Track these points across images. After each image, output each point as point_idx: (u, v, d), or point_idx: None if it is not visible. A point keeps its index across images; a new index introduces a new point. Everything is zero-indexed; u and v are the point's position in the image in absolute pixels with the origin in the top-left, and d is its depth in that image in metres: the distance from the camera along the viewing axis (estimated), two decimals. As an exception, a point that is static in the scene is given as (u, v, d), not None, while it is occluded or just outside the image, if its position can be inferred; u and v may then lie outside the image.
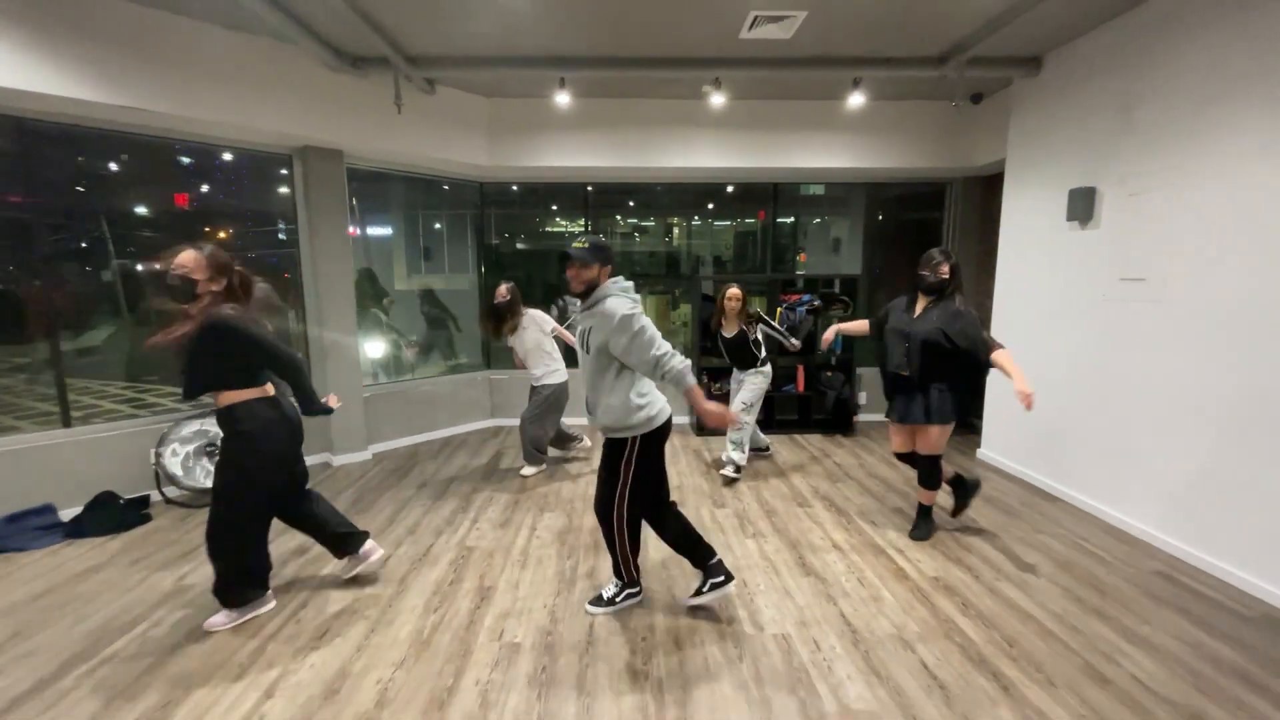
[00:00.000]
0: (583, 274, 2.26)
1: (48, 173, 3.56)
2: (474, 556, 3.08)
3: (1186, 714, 1.96)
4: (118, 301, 3.98)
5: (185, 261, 2.20)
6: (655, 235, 6.78)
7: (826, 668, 2.20)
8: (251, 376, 2.35)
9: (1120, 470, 3.40)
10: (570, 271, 2.27)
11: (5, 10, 2.90)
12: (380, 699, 2.04)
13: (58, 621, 2.50)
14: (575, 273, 2.27)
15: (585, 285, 2.28)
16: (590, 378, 2.33)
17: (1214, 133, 2.86)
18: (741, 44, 3.76)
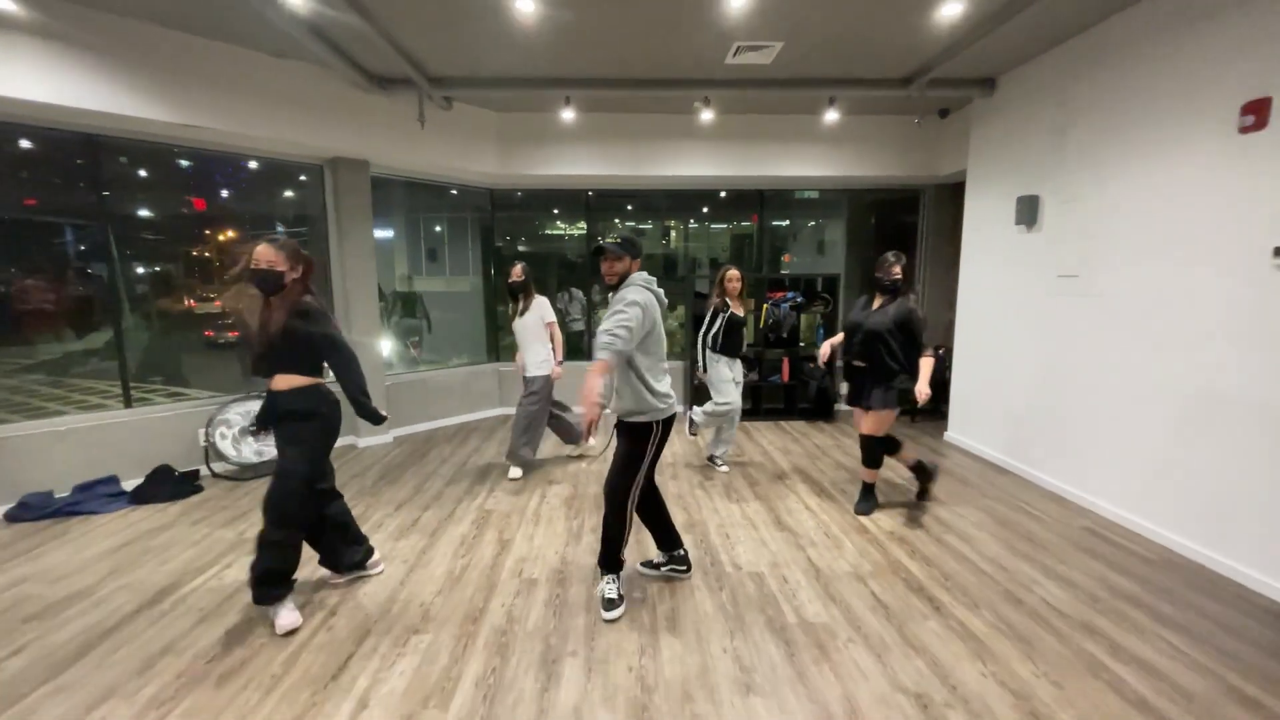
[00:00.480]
0: (615, 266, 2.40)
1: (116, 181, 4.01)
2: (493, 517, 3.53)
3: (1078, 624, 2.43)
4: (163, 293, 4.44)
5: (267, 255, 2.32)
6: (653, 238, 7.24)
7: (791, 595, 2.66)
8: (320, 364, 2.47)
9: (1061, 444, 3.87)
10: (604, 265, 2.41)
11: (86, 43, 3.36)
12: (425, 615, 2.49)
13: (144, 564, 2.95)
14: (609, 265, 2.40)
15: (617, 277, 2.41)
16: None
17: (1131, 149, 3.34)
18: (727, 68, 4.23)
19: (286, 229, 4.91)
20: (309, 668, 2.16)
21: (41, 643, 2.32)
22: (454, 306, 6.52)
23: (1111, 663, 2.18)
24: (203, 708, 1.96)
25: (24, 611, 2.54)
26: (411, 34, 3.73)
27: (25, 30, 3.16)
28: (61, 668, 2.16)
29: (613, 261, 2.41)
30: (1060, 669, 2.15)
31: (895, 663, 2.18)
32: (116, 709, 1.95)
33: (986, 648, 2.27)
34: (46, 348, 4.01)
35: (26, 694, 2.03)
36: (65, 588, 2.74)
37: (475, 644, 2.30)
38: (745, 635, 2.35)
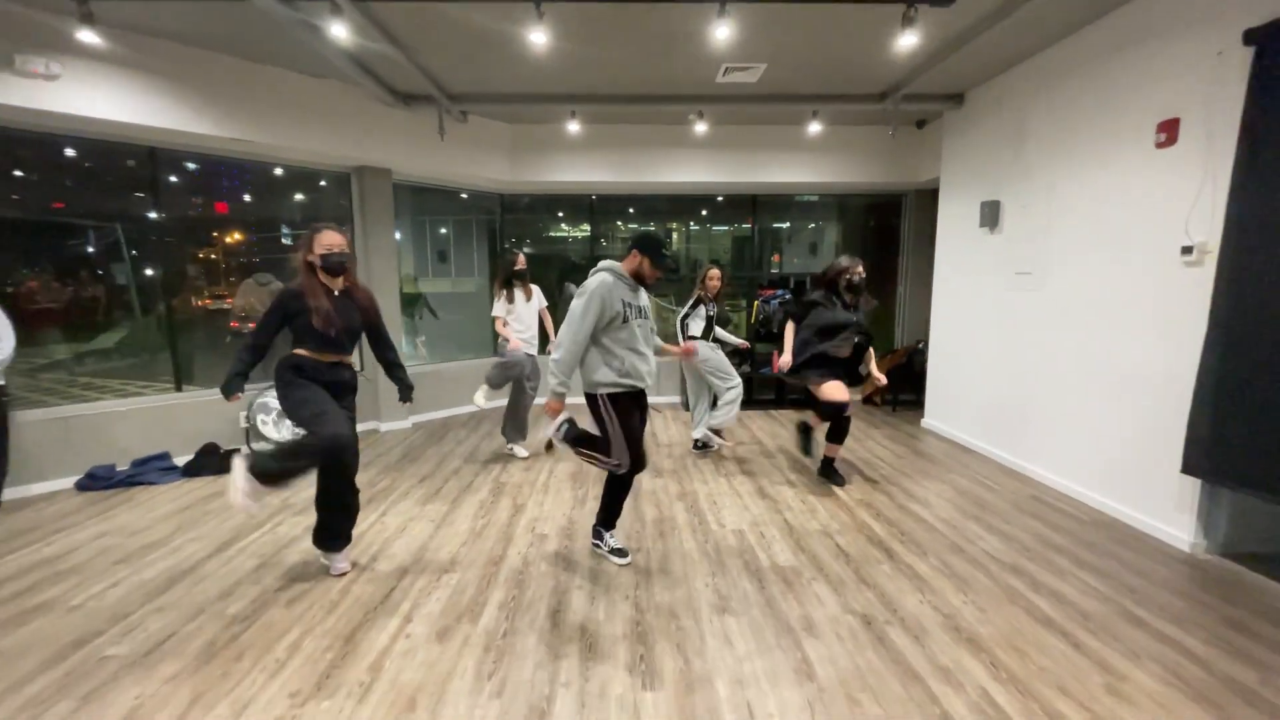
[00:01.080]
0: (629, 263, 2.77)
1: (170, 188, 4.48)
2: (507, 487, 3.97)
3: (1008, 566, 2.85)
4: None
5: (340, 241, 2.59)
6: (685, 236, 7.65)
7: (766, 546, 3.09)
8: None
9: (1017, 425, 4.29)
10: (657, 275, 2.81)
11: (152, 68, 3.82)
12: (453, 560, 2.93)
13: (206, 523, 3.40)
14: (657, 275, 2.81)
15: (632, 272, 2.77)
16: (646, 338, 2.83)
17: (1072, 160, 3.76)
18: (718, 85, 4.68)
19: (294, 231, 5.36)
20: (360, 595, 2.60)
21: (134, 578, 2.77)
22: (460, 307, 6.96)
23: (1029, 594, 2.61)
24: (277, 620, 2.40)
25: (112, 557, 2.99)
26: (436, 59, 4.18)
27: (99, 57, 3.62)
28: (156, 594, 2.61)
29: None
30: (985, 598, 2.57)
31: (849, 594, 2.61)
32: (207, 623, 2.39)
33: (928, 584, 2.70)
34: (108, 336, 4.48)
35: (132, 611, 2.47)
36: (141, 540, 3.19)
37: (497, 580, 2.74)
38: (724, 574, 2.79)
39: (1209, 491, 2.94)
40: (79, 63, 3.56)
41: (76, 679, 2.06)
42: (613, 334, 2.69)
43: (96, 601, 2.57)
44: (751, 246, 7.11)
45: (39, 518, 3.49)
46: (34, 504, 3.70)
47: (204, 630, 2.34)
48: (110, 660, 2.16)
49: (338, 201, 5.35)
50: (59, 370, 4.29)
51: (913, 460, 4.55)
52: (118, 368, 4.53)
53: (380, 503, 3.69)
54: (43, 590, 2.67)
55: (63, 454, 3.98)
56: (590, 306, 2.61)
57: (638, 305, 2.77)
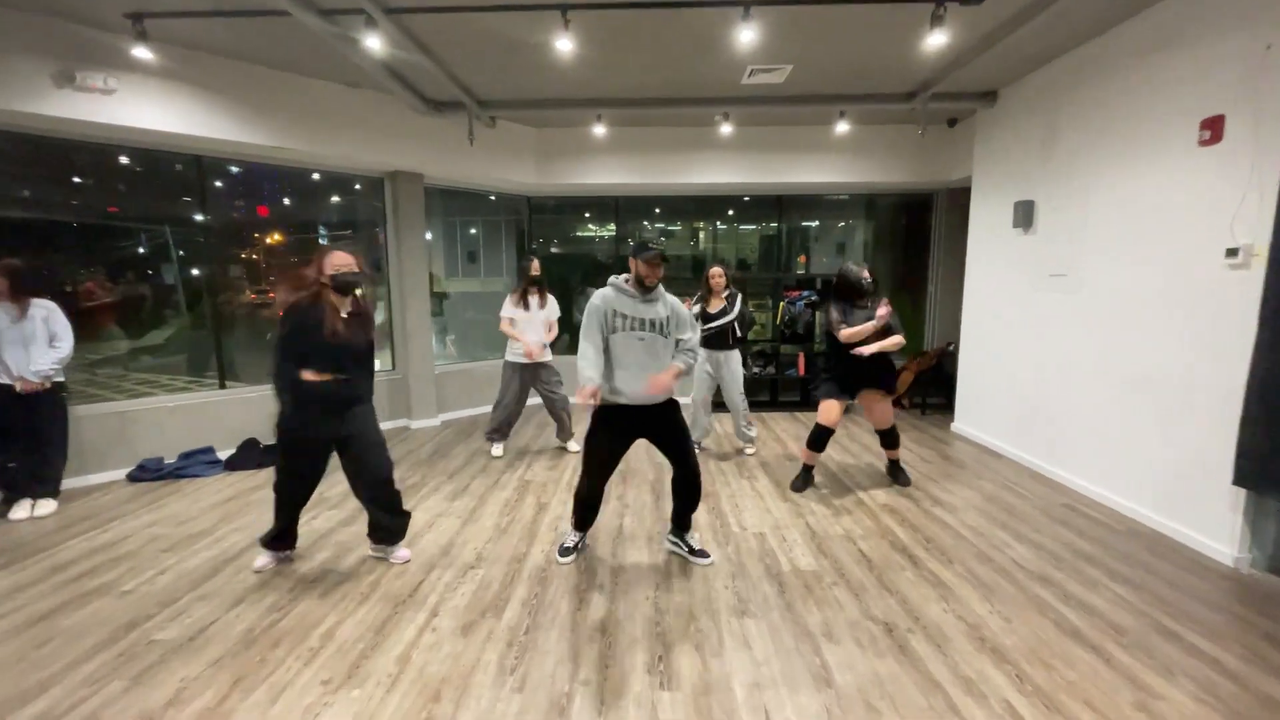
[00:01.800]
0: (661, 272, 2.71)
1: (215, 193, 4.69)
2: (531, 486, 4.05)
3: (1037, 576, 2.79)
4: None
5: (351, 261, 2.61)
6: (681, 239, 7.68)
7: (788, 550, 3.09)
8: None
9: (1049, 430, 4.18)
10: (657, 269, 2.68)
11: (198, 81, 4.01)
12: (479, 556, 3.01)
13: (249, 514, 3.56)
14: (657, 270, 2.69)
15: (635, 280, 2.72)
16: (664, 356, 2.74)
17: (1109, 158, 3.65)
18: (743, 87, 4.67)
19: (330, 233, 5.56)
20: (390, 589, 2.70)
21: (181, 566, 2.92)
22: (488, 306, 7.06)
23: (1059, 605, 2.55)
24: (311, 611, 2.51)
25: (161, 545, 3.16)
26: (467, 68, 4.28)
27: (151, 72, 3.82)
28: (200, 582, 2.76)
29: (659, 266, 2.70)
30: (1012, 608, 2.53)
31: (870, 600, 2.60)
32: (246, 611, 2.52)
33: (952, 592, 2.66)
34: (157, 333, 4.72)
35: (179, 597, 2.62)
36: (188, 529, 3.36)
37: (520, 576, 2.80)
38: (744, 577, 2.80)
39: (1257, 504, 2.83)
40: (133, 77, 3.76)
41: (128, 660, 2.20)
42: (608, 347, 2.71)
43: (148, 586, 2.73)
44: (778, 246, 7.07)
45: (95, 506, 3.71)
46: (90, 493, 3.93)
47: (244, 618, 2.46)
48: (159, 644, 2.30)
49: (372, 204, 5.52)
50: (113, 365, 4.54)
51: (941, 465, 4.48)
52: (166, 364, 4.78)
53: (410, 498, 3.80)
54: (99, 574, 2.84)
55: (116, 446, 4.21)
56: (589, 321, 2.71)
57: (639, 318, 2.68)
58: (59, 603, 2.58)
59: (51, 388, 3.64)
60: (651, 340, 2.71)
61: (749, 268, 7.25)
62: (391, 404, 5.63)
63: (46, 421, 3.67)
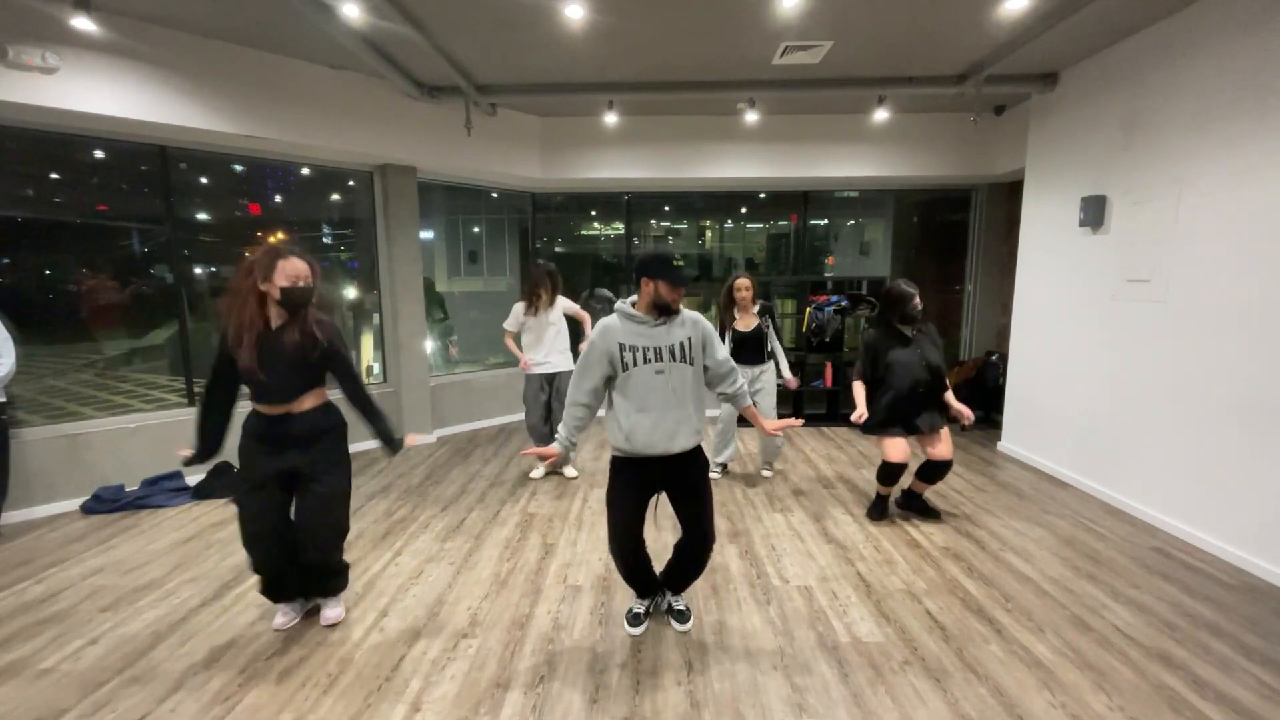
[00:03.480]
0: (642, 297, 2.19)
1: (181, 188, 4.21)
2: (536, 520, 3.55)
3: (1154, 653, 2.28)
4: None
5: (303, 271, 2.17)
6: (689, 238, 7.18)
7: (842, 611, 2.59)
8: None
9: (1127, 457, 3.66)
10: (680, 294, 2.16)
11: (158, 59, 3.52)
12: (473, 620, 2.52)
13: (208, 558, 3.08)
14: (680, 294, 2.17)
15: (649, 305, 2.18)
16: (691, 391, 2.19)
17: (1208, 149, 3.12)
18: (774, 68, 4.16)
19: (333, 230, 5.08)
20: (363, 669, 2.21)
21: (117, 632, 2.44)
22: (491, 306, 6.61)
23: (1195, 699, 2.04)
24: (265, 704, 2.02)
25: (100, 602, 2.68)
26: (461, 43, 3.78)
27: (102, 49, 3.34)
28: (136, 657, 2.27)
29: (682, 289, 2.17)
30: (1137, 703, 2.02)
31: (956, 689, 2.09)
32: (185, 701, 2.03)
33: (1054, 676, 2.16)
34: (116, 344, 4.25)
35: (106, 681, 2.13)
36: (136, 579, 2.88)
37: (522, 650, 2.31)
38: (795, 653, 2.30)
39: None
40: (79, 54, 3.27)
41: (22, 781, 1.72)
42: (619, 387, 2.18)
43: (71, 664, 2.24)
44: (790, 246, 6.56)
45: (37, 547, 3.24)
46: (36, 529, 3.46)
47: (180, 713, 1.98)
48: (66, 754, 1.81)
49: (369, 201, 5.02)
50: (81, 374, 4.08)
51: (996, 494, 3.96)
52: (127, 377, 4.30)
53: (397, 537, 3.32)
54: (17, 645, 2.36)
55: (70, 473, 3.74)
56: (586, 362, 2.18)
57: (656, 347, 2.14)
58: (-44, 688, 2.11)
59: (-11, 410, 3.18)
60: (675, 373, 2.15)
61: (756, 268, 6.74)
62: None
63: (-19, 448, 3.20)
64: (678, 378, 2.16)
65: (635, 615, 2.46)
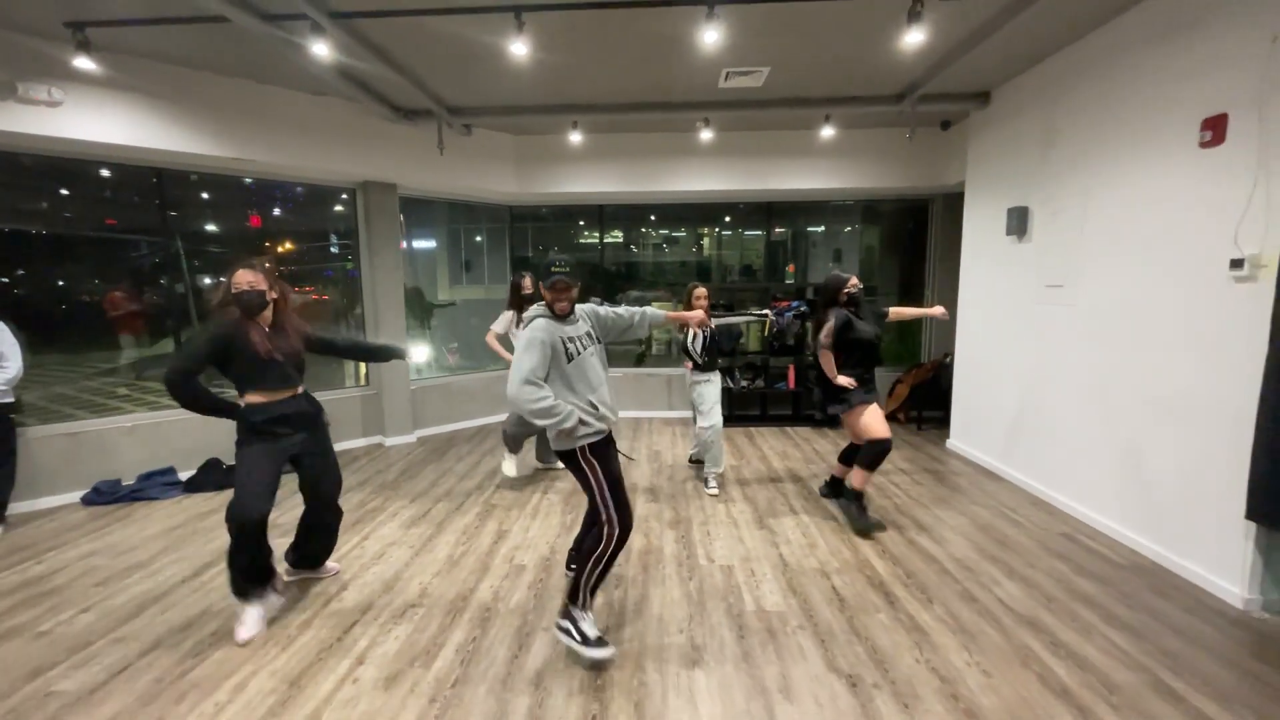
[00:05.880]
0: (571, 294, 2.35)
1: (180, 205, 4.57)
2: (496, 510, 3.85)
3: (1025, 620, 2.54)
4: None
5: (252, 279, 2.44)
6: (684, 245, 7.44)
7: (755, 585, 2.86)
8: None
9: (1048, 451, 3.91)
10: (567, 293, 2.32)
11: (152, 91, 3.89)
12: (422, 593, 2.81)
13: (193, 543, 3.40)
14: (565, 293, 2.32)
15: (571, 304, 2.37)
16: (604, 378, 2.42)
17: (1107, 162, 3.40)
18: (721, 90, 4.47)
19: (340, 240, 5.43)
20: (319, 631, 2.51)
21: (107, 603, 2.75)
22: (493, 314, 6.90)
23: (1046, 656, 2.30)
24: (230, 658, 2.32)
25: (94, 578, 3.00)
26: (428, 74, 4.13)
27: (101, 84, 3.70)
28: (122, 622, 2.58)
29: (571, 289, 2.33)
30: (994, 660, 2.28)
31: (837, 648, 2.36)
32: (161, 656, 2.34)
33: (928, 638, 2.42)
34: (119, 353, 4.60)
35: (94, 641, 2.44)
36: (126, 560, 3.20)
37: (461, 618, 2.60)
38: (703, 619, 2.57)
39: (1269, 540, 2.56)
40: (81, 88, 3.64)
41: (18, 717, 2.02)
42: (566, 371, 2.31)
43: (65, 628, 2.56)
44: (788, 253, 6.85)
45: (38, 534, 3.56)
46: (39, 519, 3.79)
47: (155, 665, 2.28)
48: (55, 696, 2.12)
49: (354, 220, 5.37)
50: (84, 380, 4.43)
51: (932, 487, 4.22)
52: (128, 382, 4.65)
53: (366, 525, 3.62)
54: (18, 613, 2.68)
55: (71, 468, 4.07)
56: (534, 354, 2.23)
57: (577, 336, 2.36)
58: (-34, 646, 2.42)
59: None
60: (600, 350, 2.48)
61: (754, 274, 6.98)
62: (365, 421, 5.47)
63: (-8, 444, 3.54)
64: (602, 354, 2.48)
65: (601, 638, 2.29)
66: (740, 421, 6.18)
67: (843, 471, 3.81)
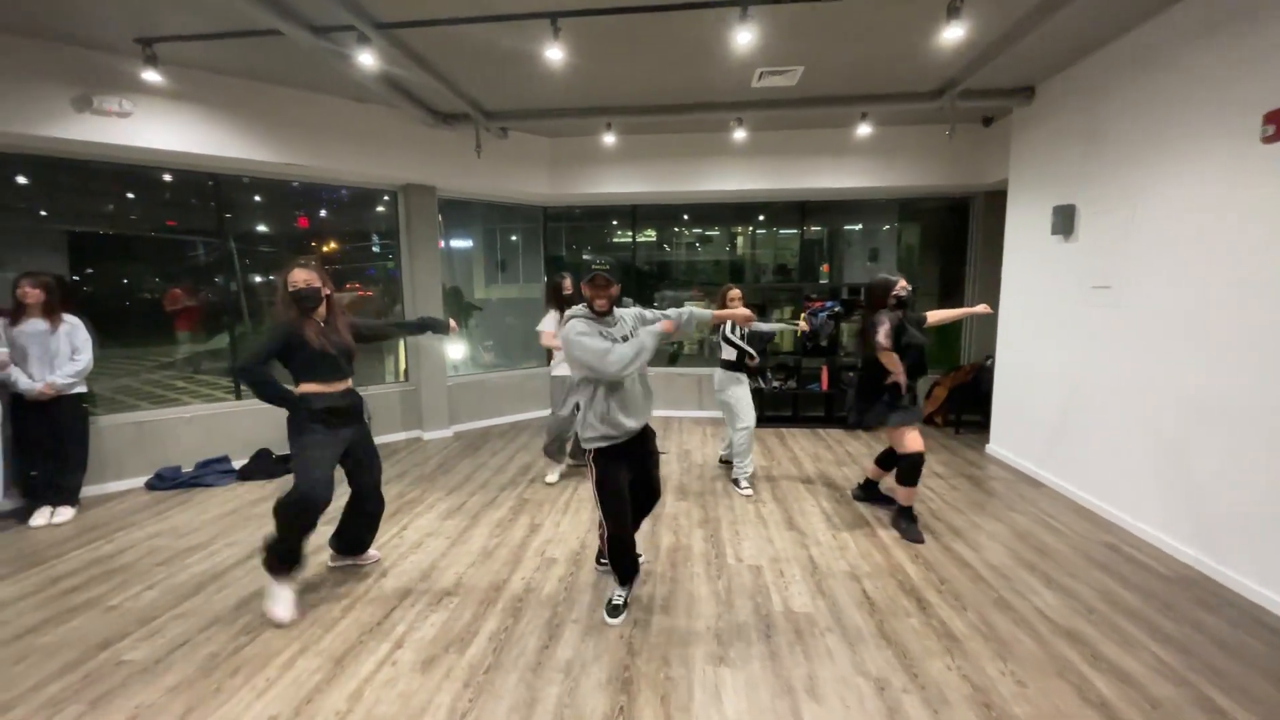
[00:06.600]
0: (610, 291, 2.41)
1: (233, 208, 4.83)
2: (528, 505, 3.94)
3: (1064, 631, 2.48)
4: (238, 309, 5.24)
5: (306, 278, 2.60)
6: (718, 245, 7.44)
7: (784, 586, 2.86)
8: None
9: (1091, 458, 3.78)
10: (606, 291, 2.39)
11: (208, 100, 4.12)
12: (458, 582, 2.92)
13: (246, 527, 3.60)
14: (605, 290, 2.39)
15: (610, 301, 2.43)
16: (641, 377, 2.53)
17: (1161, 158, 3.27)
18: (754, 90, 4.46)
19: (381, 241, 5.64)
20: (360, 615, 2.63)
21: (169, 581, 2.95)
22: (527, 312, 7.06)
23: (1085, 668, 2.24)
24: (279, 636, 2.46)
25: (157, 558, 3.21)
26: (466, 80, 4.25)
27: (165, 95, 3.94)
28: (183, 599, 2.76)
29: (609, 287, 2.40)
30: (1029, 670, 2.24)
31: (865, 651, 2.35)
32: (218, 632, 2.50)
33: (960, 645, 2.39)
34: (177, 347, 4.90)
35: (158, 616, 2.62)
36: (187, 542, 3.41)
37: (494, 607, 2.69)
38: (730, 617, 2.59)
39: (1329, 555, 2.44)
40: (148, 100, 3.89)
41: (92, 682, 2.19)
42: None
43: (132, 603, 2.75)
44: (823, 252, 6.79)
45: (108, 514, 3.83)
46: (108, 501, 4.07)
47: (213, 640, 2.44)
48: (125, 665, 2.29)
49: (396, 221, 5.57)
50: (153, 373, 4.73)
51: (969, 492, 4.12)
52: (186, 375, 4.94)
53: (405, 515, 3.77)
54: (91, 588, 2.89)
55: (136, 455, 4.35)
56: (587, 335, 2.36)
57: (618, 337, 2.42)
58: (46, 616, 2.63)
59: (73, 398, 3.79)
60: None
61: (788, 273, 6.91)
62: (404, 415, 5.66)
63: (67, 431, 3.81)
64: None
65: (615, 606, 2.59)
66: (771, 423, 6.15)
67: (877, 474, 3.77)
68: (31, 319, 3.65)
